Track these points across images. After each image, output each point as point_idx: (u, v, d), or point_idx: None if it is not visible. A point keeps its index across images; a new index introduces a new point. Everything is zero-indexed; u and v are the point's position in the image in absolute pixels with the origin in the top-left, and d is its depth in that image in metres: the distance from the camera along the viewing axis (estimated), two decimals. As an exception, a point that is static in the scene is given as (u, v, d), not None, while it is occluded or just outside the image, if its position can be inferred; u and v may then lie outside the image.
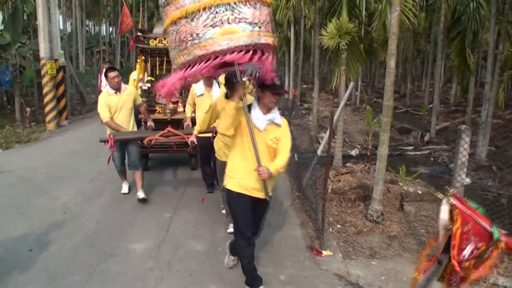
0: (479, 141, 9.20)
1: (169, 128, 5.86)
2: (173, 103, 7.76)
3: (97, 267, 4.43)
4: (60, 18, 16.12)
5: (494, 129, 11.49)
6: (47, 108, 12.45)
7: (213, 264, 4.58)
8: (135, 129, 6.56)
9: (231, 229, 5.34)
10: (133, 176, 6.53)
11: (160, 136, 5.75)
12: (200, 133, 5.39)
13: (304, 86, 25.82)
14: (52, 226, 5.45)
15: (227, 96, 4.90)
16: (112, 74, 6.13)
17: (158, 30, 7.87)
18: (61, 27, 17.23)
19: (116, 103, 6.15)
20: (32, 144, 10.52)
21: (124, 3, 17.13)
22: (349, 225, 5.69)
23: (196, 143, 5.61)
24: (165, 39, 7.33)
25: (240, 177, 3.79)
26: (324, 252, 4.83)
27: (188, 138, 5.64)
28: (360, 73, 13.92)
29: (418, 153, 10.36)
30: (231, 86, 3.78)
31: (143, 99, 7.38)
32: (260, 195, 3.79)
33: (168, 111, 7.63)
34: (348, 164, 8.17)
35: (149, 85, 7.88)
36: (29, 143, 10.63)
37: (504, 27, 9.75)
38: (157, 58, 7.97)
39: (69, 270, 4.35)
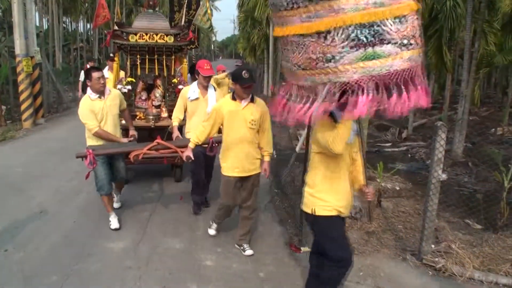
0: (455, 137, 9.35)
1: (159, 140, 5.14)
2: (156, 107, 7.07)
3: (74, 267, 4.38)
4: (36, 14, 15.84)
5: (470, 126, 11.72)
6: (23, 106, 12.22)
7: (193, 262, 4.56)
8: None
9: (212, 231, 5.22)
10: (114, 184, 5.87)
11: (149, 149, 5.04)
12: (196, 145, 4.69)
13: (284, 83, 25.80)
14: (28, 225, 5.35)
15: (234, 98, 4.45)
16: (97, 74, 5.12)
17: (138, 23, 6.89)
18: (37, 23, 16.93)
19: (101, 110, 5.20)
20: (8, 143, 10.31)
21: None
22: (328, 222, 5.70)
23: (192, 159, 4.72)
24: (146, 34, 6.62)
25: (337, 200, 3.29)
26: (303, 249, 4.85)
27: (182, 152, 4.85)
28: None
29: (396, 149, 10.48)
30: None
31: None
32: (348, 212, 3.45)
33: (151, 117, 6.76)
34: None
35: (129, 87, 6.85)
36: (5, 141, 10.41)
37: (480, 25, 9.94)
38: (138, 56, 6.86)
39: (45, 270, 4.29)
